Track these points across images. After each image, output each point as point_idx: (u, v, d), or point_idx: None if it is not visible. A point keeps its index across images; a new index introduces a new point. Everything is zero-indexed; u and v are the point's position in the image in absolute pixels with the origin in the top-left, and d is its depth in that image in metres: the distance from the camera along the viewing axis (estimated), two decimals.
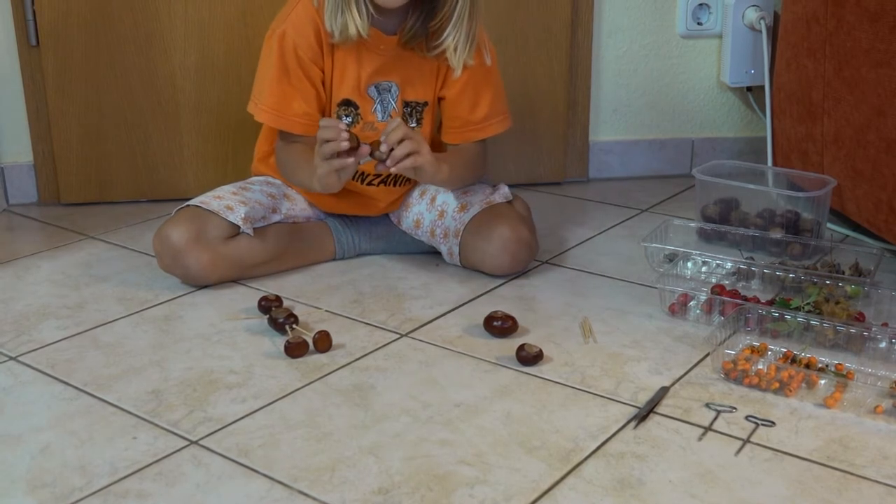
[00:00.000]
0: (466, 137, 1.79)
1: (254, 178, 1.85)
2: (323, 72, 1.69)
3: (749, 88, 2.42)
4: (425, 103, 1.77)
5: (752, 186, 1.94)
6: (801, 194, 1.90)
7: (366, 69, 1.70)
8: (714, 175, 1.98)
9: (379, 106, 1.73)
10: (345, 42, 1.65)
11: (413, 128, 1.76)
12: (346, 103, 1.71)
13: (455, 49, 1.65)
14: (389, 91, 1.72)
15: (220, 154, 2.23)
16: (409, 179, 1.84)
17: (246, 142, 2.18)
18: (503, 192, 1.82)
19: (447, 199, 1.80)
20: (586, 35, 2.31)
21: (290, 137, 1.72)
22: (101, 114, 2.16)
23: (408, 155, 1.56)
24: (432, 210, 1.82)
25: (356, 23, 1.61)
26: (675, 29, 2.36)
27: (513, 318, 1.52)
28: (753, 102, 2.44)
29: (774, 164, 2.20)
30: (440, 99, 1.78)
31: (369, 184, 1.81)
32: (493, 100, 1.78)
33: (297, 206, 1.82)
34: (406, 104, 1.75)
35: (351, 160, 1.54)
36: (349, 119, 1.72)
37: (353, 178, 1.78)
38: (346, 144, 1.51)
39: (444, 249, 1.81)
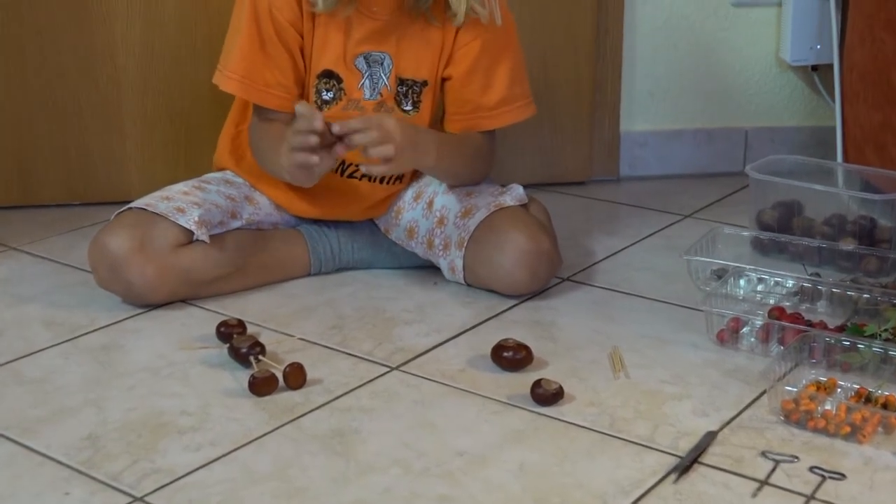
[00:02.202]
0: (475, 125, 1.80)
1: (210, 176, 1.86)
2: (302, 37, 1.70)
3: (814, 68, 2.43)
4: (424, 82, 1.78)
5: (818, 187, 1.95)
6: (877, 197, 1.91)
7: (354, 36, 1.71)
8: (772, 173, 1.99)
9: (367, 81, 1.74)
10: (331, 9, 1.66)
11: (408, 112, 1.78)
12: (328, 75, 1.73)
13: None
14: (381, 64, 1.73)
15: (171, 146, 2.24)
16: (401, 178, 1.85)
17: (202, 130, 2.19)
18: (516, 194, 1.83)
19: (448, 203, 1.81)
20: (617, 0, 2.32)
21: (264, 113, 1.74)
22: (26, 98, 2.17)
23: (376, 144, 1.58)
24: (430, 216, 1.83)
25: None
26: None
27: (527, 348, 1.53)
28: (820, 85, 2.45)
29: (845, 159, 2.21)
30: (445, 80, 1.80)
31: (350, 176, 1.82)
32: (512, 79, 1.79)
33: (261, 211, 1.83)
34: (401, 82, 1.76)
35: (315, 158, 1.56)
36: (330, 94, 1.73)
37: (332, 170, 1.79)
38: (314, 140, 1.54)
39: (444, 264, 1.81)
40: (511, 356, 1.52)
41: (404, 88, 1.76)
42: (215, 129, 1.93)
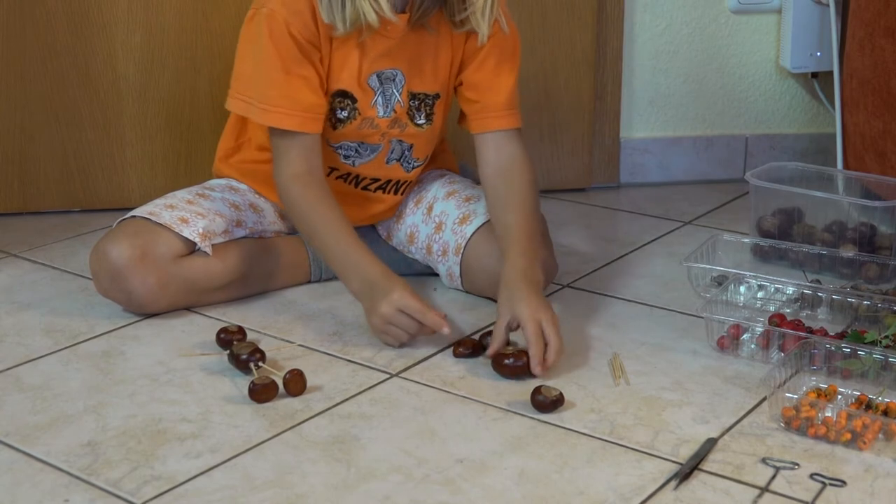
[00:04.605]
0: (484, 126, 1.77)
1: (213, 183, 1.86)
2: (321, 52, 1.68)
3: (814, 75, 2.43)
4: (436, 95, 1.78)
5: (818, 194, 1.95)
6: (877, 203, 1.91)
7: (369, 55, 1.70)
8: (772, 180, 1.99)
9: (380, 98, 1.74)
10: (351, 32, 1.65)
11: (421, 125, 1.78)
12: (342, 95, 1.72)
13: (484, 11, 1.67)
14: (393, 81, 1.73)
15: (170, 154, 2.24)
16: (411, 184, 1.86)
17: (202, 139, 2.20)
18: None
19: (447, 209, 1.82)
20: (617, 8, 2.33)
21: (293, 143, 1.67)
22: (26, 106, 2.18)
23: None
24: (429, 222, 1.83)
25: (377, 4, 1.60)
26: (725, 2, 2.39)
27: (528, 355, 1.53)
28: (820, 92, 2.45)
29: (845, 166, 2.21)
30: (457, 85, 1.80)
31: (365, 188, 1.83)
32: (514, 87, 1.78)
33: (265, 219, 1.83)
34: (413, 96, 1.76)
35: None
36: (344, 113, 1.73)
37: (346, 182, 1.81)
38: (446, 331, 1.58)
39: (442, 270, 1.82)
40: (511, 363, 1.52)
41: (416, 102, 1.77)
42: (215, 137, 1.94)
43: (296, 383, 1.48)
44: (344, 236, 1.65)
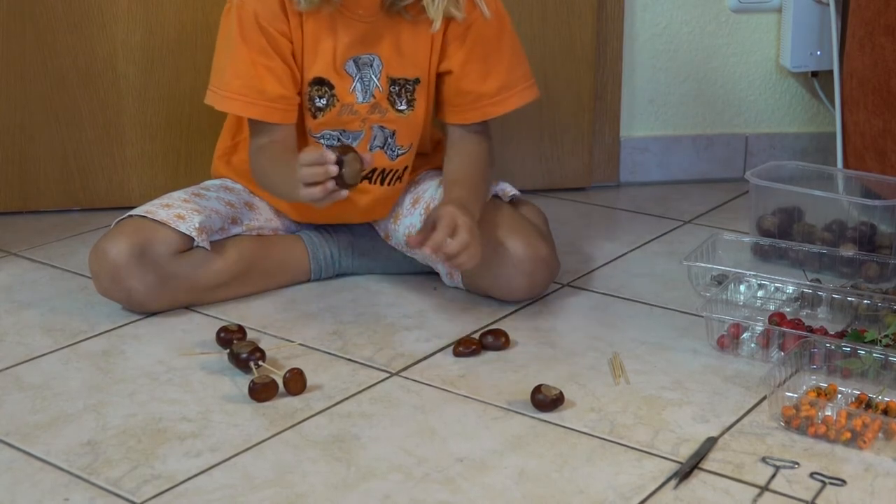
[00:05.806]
0: (480, 114, 1.79)
1: (208, 183, 1.87)
2: (292, 43, 1.70)
3: (815, 74, 2.43)
4: (417, 80, 1.78)
5: (818, 193, 1.95)
6: (877, 203, 1.91)
7: (342, 40, 1.71)
8: (772, 179, 1.99)
9: (359, 84, 1.74)
10: (314, 8, 1.66)
11: (402, 111, 1.78)
12: (319, 82, 1.73)
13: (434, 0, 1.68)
14: (371, 66, 1.74)
15: (170, 153, 2.24)
16: (401, 178, 1.85)
17: (202, 139, 2.20)
18: (502, 187, 1.86)
19: None
20: (617, 7, 2.33)
21: (264, 130, 1.72)
22: (26, 105, 2.18)
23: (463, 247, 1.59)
24: None
25: None
26: (724, 1, 2.39)
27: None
28: (820, 91, 2.45)
29: (846, 165, 2.21)
30: (443, 74, 1.80)
31: None
32: (511, 64, 1.79)
33: (261, 217, 1.84)
34: (392, 81, 1.76)
35: (344, 192, 1.55)
36: (323, 101, 1.73)
37: None
38: (332, 185, 1.52)
39: (442, 269, 1.82)
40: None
41: (397, 88, 1.77)
42: (215, 136, 1.94)
43: (296, 382, 1.48)
44: (278, 162, 1.68)
